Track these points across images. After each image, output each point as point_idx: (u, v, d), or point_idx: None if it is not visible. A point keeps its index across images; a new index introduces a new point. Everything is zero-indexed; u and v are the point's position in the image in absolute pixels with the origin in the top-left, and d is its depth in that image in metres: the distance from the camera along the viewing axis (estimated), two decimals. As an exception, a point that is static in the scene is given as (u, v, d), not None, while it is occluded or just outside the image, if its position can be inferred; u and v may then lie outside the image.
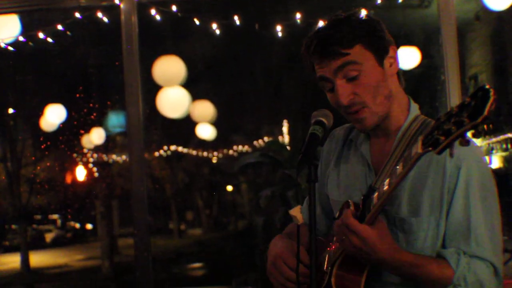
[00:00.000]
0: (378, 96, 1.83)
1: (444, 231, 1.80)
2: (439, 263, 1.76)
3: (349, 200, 1.81)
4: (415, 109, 1.92)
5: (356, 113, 1.84)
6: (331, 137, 2.13)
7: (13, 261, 12.89)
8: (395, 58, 1.87)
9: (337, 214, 1.86)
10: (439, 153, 1.39)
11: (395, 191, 1.66)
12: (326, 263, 1.91)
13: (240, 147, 13.65)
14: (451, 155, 1.37)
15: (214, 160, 14.97)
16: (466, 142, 1.33)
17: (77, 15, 4.65)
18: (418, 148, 1.48)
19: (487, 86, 1.31)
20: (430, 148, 1.42)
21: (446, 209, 1.79)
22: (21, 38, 4.95)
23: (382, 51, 1.84)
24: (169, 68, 6.63)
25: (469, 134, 1.38)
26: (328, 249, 1.93)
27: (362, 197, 1.75)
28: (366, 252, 1.69)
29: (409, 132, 1.85)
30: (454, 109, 1.36)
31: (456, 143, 1.36)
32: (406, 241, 1.82)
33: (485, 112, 1.28)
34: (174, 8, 4.71)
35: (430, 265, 1.74)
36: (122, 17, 4.37)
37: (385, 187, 1.64)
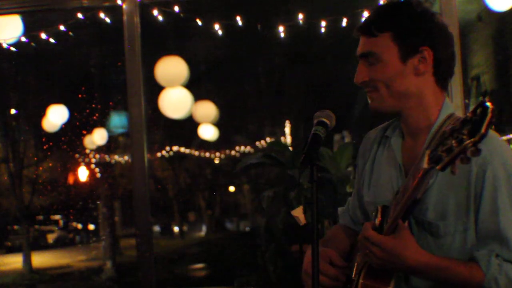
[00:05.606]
0: (391, 87, 1.85)
1: (475, 235, 1.78)
2: (468, 266, 1.73)
3: (378, 206, 1.82)
4: (448, 108, 1.89)
5: (369, 91, 1.91)
6: (366, 138, 2.12)
7: (15, 261, 12.92)
8: (426, 60, 1.83)
9: (372, 217, 1.86)
10: (442, 170, 1.40)
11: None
12: (354, 270, 1.90)
13: (242, 148, 13.67)
14: (453, 173, 1.38)
15: (217, 161, 14.98)
16: (467, 160, 1.33)
17: (79, 15, 4.64)
18: (424, 163, 1.48)
19: (487, 103, 1.32)
20: (433, 165, 1.43)
21: (474, 213, 1.77)
22: (23, 39, 4.95)
23: (410, 49, 1.83)
24: (172, 69, 6.63)
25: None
26: (359, 255, 1.92)
27: (381, 207, 1.78)
28: (391, 261, 1.70)
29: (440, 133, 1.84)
30: (457, 124, 1.37)
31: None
32: (435, 244, 1.81)
33: (483, 130, 1.30)
34: (176, 8, 4.70)
35: (459, 268, 1.72)
36: (124, 17, 4.36)
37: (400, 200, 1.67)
